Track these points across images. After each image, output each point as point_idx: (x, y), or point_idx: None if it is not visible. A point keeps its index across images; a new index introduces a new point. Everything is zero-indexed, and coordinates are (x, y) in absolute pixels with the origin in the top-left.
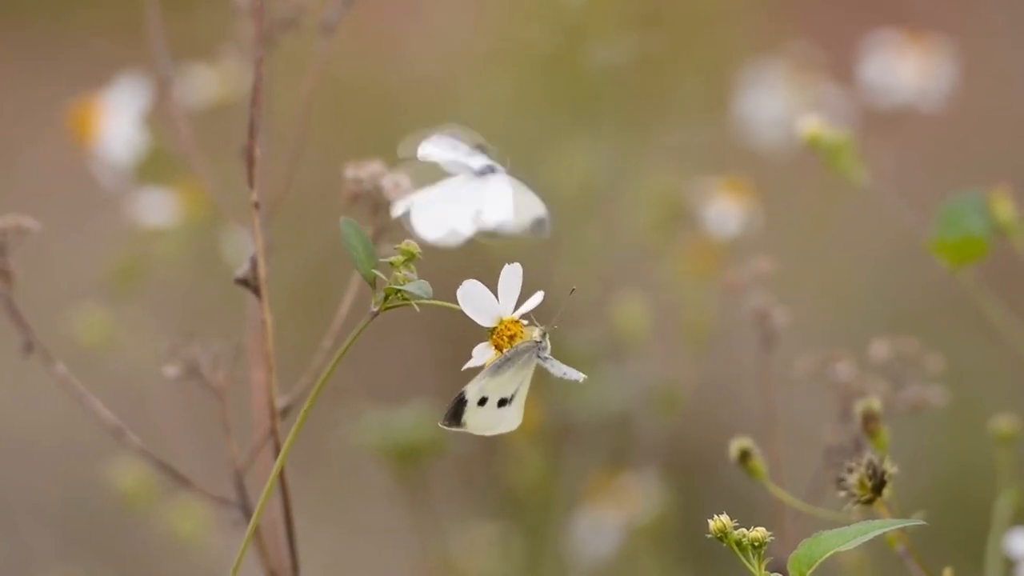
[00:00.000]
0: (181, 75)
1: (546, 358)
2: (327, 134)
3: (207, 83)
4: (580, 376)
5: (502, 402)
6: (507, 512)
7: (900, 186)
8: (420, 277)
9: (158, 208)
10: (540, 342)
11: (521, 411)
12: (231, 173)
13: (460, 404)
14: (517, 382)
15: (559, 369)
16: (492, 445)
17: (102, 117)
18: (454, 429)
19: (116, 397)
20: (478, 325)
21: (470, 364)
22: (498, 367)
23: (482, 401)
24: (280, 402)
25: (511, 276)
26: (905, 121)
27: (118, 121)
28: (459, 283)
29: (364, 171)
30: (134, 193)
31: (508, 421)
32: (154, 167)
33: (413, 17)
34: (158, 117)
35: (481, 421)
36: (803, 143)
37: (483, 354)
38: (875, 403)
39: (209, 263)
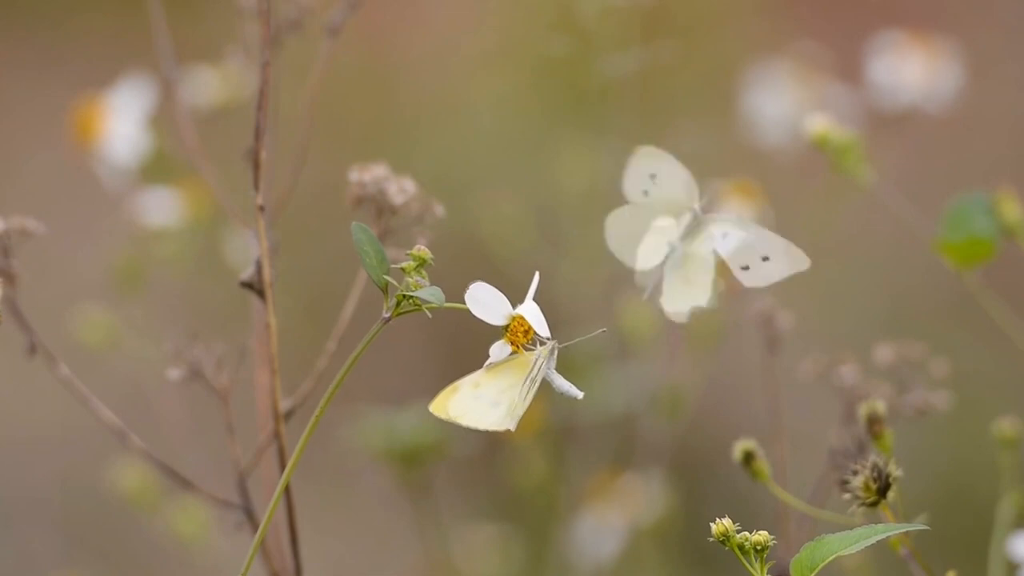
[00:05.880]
0: (186, 77)
1: (550, 370)
2: (331, 136)
3: (211, 85)
4: (579, 393)
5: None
6: (509, 514)
7: (906, 187)
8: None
9: (162, 209)
10: (550, 358)
11: (514, 416)
12: (236, 175)
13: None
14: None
15: (561, 384)
16: (495, 446)
17: (106, 118)
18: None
19: (120, 398)
20: (485, 324)
21: (488, 363)
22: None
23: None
24: (284, 405)
25: (533, 283)
26: (911, 122)
27: (122, 122)
28: (462, 283)
29: (368, 174)
30: (136, 194)
31: (496, 419)
32: (158, 168)
33: (416, 19)
34: (163, 118)
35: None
36: (810, 142)
37: (499, 351)
38: (879, 406)
39: (214, 264)
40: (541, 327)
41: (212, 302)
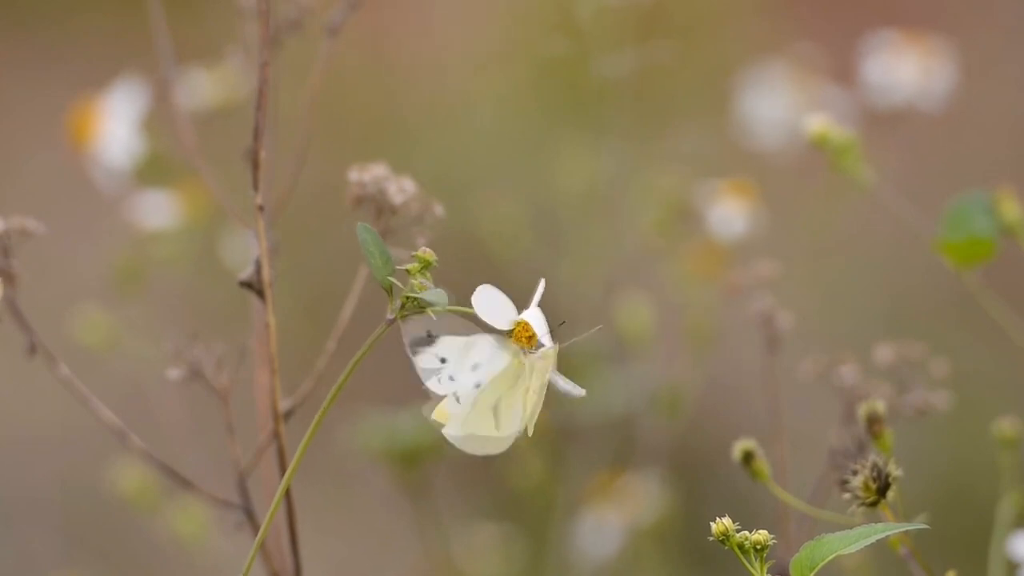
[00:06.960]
0: (185, 77)
1: (551, 372)
2: (331, 136)
3: (211, 85)
4: (582, 392)
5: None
6: (509, 514)
7: (905, 187)
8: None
9: (161, 209)
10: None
11: (511, 427)
12: (236, 175)
13: None
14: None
15: (563, 384)
16: None
17: (100, 121)
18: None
19: (120, 398)
20: (485, 325)
21: None
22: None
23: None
24: (284, 405)
25: (538, 289)
26: (907, 121)
27: (116, 125)
28: (463, 284)
29: (368, 174)
30: (134, 196)
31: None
32: (157, 168)
33: (416, 19)
34: (162, 118)
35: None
36: (809, 142)
37: None
38: (879, 406)
39: (214, 264)
40: (544, 335)
41: (212, 302)
